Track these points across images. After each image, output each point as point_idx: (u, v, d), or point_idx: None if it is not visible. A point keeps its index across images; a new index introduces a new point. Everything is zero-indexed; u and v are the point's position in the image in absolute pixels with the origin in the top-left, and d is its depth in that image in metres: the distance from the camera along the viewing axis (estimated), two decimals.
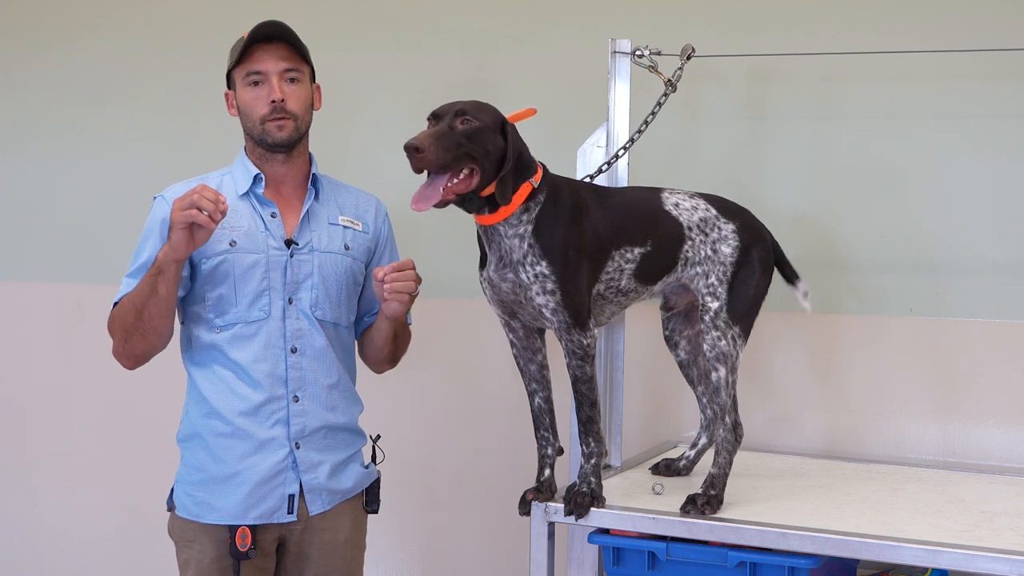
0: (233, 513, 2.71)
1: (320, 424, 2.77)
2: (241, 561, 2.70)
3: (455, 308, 3.57)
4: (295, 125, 2.74)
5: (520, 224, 2.56)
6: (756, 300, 2.73)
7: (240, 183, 2.78)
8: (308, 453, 2.76)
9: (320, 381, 2.78)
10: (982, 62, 3.06)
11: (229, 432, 2.73)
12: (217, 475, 2.73)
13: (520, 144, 2.56)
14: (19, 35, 4.14)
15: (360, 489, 2.88)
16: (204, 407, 2.75)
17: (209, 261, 2.72)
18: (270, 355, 2.73)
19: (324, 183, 2.86)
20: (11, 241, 4.20)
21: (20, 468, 4.20)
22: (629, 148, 2.95)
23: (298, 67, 2.75)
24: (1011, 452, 3.11)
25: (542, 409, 2.74)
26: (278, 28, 2.75)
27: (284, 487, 2.74)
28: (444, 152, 2.44)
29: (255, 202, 2.78)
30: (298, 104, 2.75)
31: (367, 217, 2.90)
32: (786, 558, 2.50)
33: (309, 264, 2.76)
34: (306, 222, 2.79)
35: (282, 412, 2.74)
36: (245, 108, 2.75)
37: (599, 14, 3.45)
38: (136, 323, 2.67)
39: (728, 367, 2.66)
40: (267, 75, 2.72)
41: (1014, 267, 3.11)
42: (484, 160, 2.49)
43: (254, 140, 2.77)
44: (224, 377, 2.74)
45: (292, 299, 2.74)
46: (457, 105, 2.52)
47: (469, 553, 3.68)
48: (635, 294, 2.73)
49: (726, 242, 2.72)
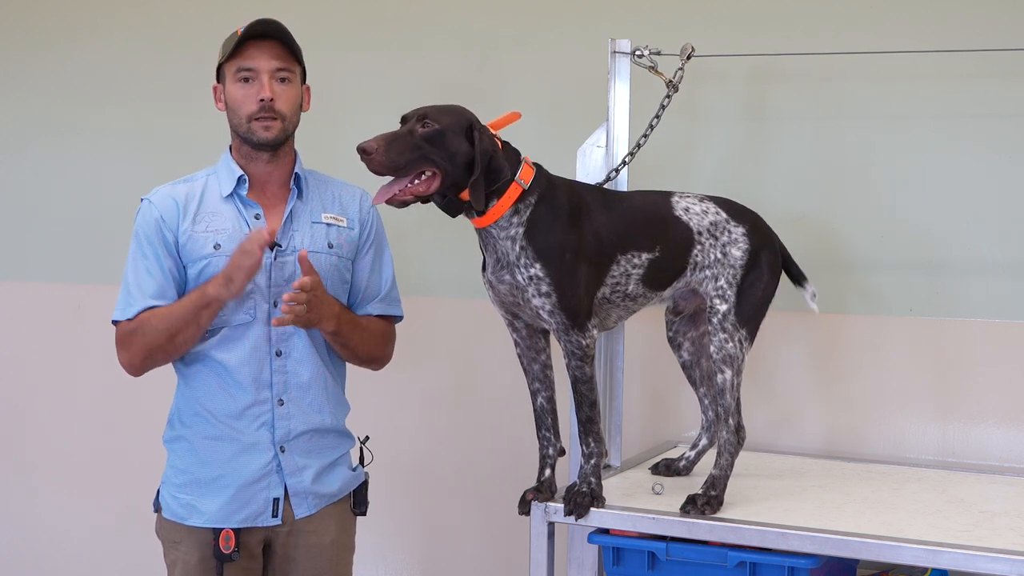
0: (217, 516, 2.71)
1: (305, 428, 2.77)
2: (225, 563, 2.70)
3: (454, 308, 3.57)
4: (282, 126, 2.72)
5: (511, 226, 2.56)
6: (763, 303, 2.73)
7: (224, 184, 2.76)
8: (293, 457, 2.75)
9: (305, 384, 2.76)
10: (982, 62, 3.06)
11: (215, 435, 2.73)
12: (202, 478, 2.73)
13: (490, 147, 2.53)
14: (19, 35, 4.13)
15: (347, 492, 2.87)
16: (190, 409, 2.75)
17: (195, 265, 2.71)
18: (255, 358, 2.72)
19: (309, 180, 2.83)
20: (11, 241, 4.20)
21: (20, 468, 4.20)
22: (636, 153, 2.95)
23: (290, 67, 2.73)
24: (1011, 452, 3.11)
25: (544, 409, 2.74)
26: (272, 26, 2.73)
27: (269, 491, 2.73)
28: (396, 155, 2.47)
29: (239, 204, 2.75)
30: (287, 105, 2.72)
31: (351, 211, 2.86)
32: (786, 558, 2.51)
33: (292, 266, 2.73)
34: (289, 223, 2.76)
35: (267, 416, 2.73)
36: (233, 104, 2.73)
37: (599, 14, 3.45)
38: (167, 345, 2.68)
39: (734, 369, 2.67)
40: (258, 72, 2.70)
41: (1014, 267, 3.11)
42: (446, 163, 2.50)
43: (240, 137, 2.75)
44: (210, 380, 2.73)
45: (277, 302, 2.72)
46: (422, 109, 2.53)
47: (469, 553, 3.68)
48: (644, 299, 2.73)
49: (736, 245, 2.72)
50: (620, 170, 2.95)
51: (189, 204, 2.74)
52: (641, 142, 2.94)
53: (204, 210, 2.74)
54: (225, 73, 2.75)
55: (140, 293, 2.71)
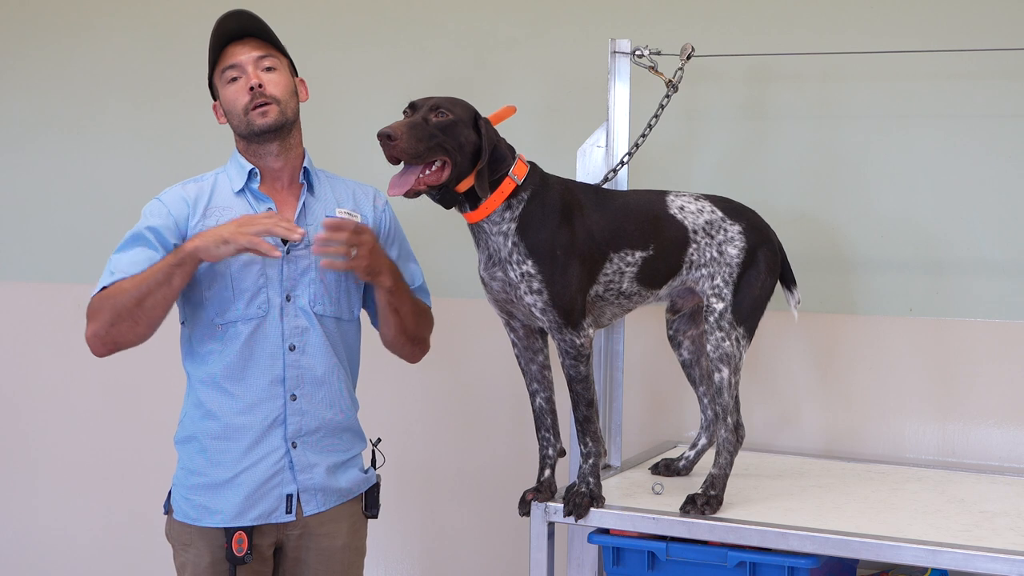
0: (231, 515, 2.70)
1: (318, 424, 2.75)
2: (237, 566, 2.69)
3: (456, 308, 3.57)
4: (279, 109, 2.70)
5: (503, 222, 2.57)
6: (761, 301, 2.73)
7: (235, 180, 2.76)
8: (305, 453, 2.74)
9: (319, 379, 2.75)
10: (982, 62, 3.06)
11: (225, 434, 2.71)
12: (215, 479, 2.71)
13: (494, 137, 2.57)
14: (19, 35, 4.14)
15: (358, 492, 2.85)
16: (201, 408, 2.74)
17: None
18: (267, 353, 2.71)
19: (319, 176, 2.83)
20: (11, 241, 4.20)
21: (20, 468, 4.20)
22: (634, 153, 2.95)
23: (273, 55, 2.74)
24: (1011, 452, 3.11)
25: (543, 409, 2.74)
26: (244, 24, 2.72)
27: (281, 487, 2.72)
28: (416, 142, 2.47)
29: (251, 198, 2.75)
30: (278, 88, 2.71)
31: (365, 208, 2.85)
32: (786, 558, 2.51)
33: (306, 259, 2.73)
34: (302, 217, 2.76)
35: (279, 411, 2.72)
36: (228, 106, 2.73)
37: (599, 14, 3.45)
38: (134, 309, 2.59)
39: (731, 368, 2.66)
40: (243, 66, 2.70)
41: (1014, 267, 3.11)
42: (456, 153, 2.51)
43: (244, 137, 2.74)
44: (222, 377, 2.71)
45: (290, 296, 2.72)
46: (432, 100, 2.54)
47: (469, 553, 3.68)
48: (638, 297, 2.73)
49: (732, 243, 2.72)
50: (619, 170, 2.95)
51: (199, 201, 2.73)
52: (640, 141, 2.94)
53: (215, 204, 2.73)
54: (216, 85, 2.76)
55: (123, 266, 2.64)
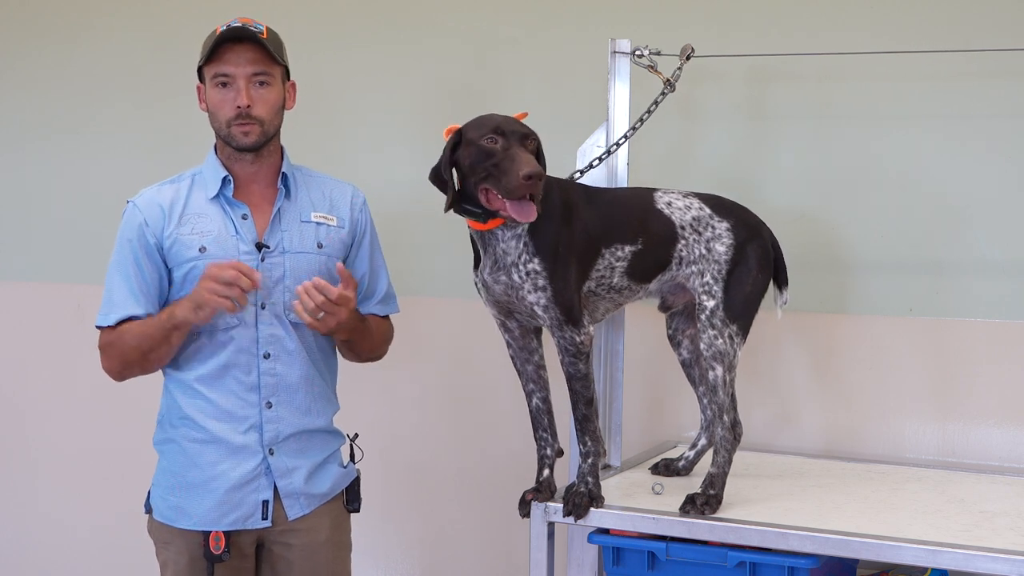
0: (206, 519, 2.70)
1: (294, 430, 2.76)
2: (215, 563, 2.69)
3: (453, 308, 3.57)
4: (261, 130, 2.69)
5: (517, 226, 2.57)
6: (754, 298, 2.72)
7: (210, 186, 2.74)
8: (282, 459, 2.74)
9: (294, 386, 2.75)
10: (982, 62, 3.06)
11: (202, 438, 2.72)
12: (191, 480, 2.72)
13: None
14: (19, 35, 4.13)
15: (339, 490, 2.86)
16: (178, 413, 2.75)
17: (180, 268, 2.70)
18: (242, 361, 2.71)
19: (297, 177, 2.81)
20: (11, 241, 4.20)
21: (20, 468, 4.20)
22: (622, 144, 2.95)
23: (267, 69, 2.70)
24: (1011, 452, 3.11)
25: (540, 410, 2.74)
26: (248, 32, 2.68)
27: (258, 493, 2.72)
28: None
29: (225, 205, 2.74)
30: (265, 109, 2.69)
31: (342, 209, 2.83)
32: (786, 558, 2.51)
33: (280, 267, 2.72)
34: (276, 222, 2.75)
35: (255, 418, 2.72)
36: (212, 108, 2.72)
37: (599, 14, 3.45)
38: (141, 361, 2.71)
39: (725, 366, 2.66)
40: (234, 78, 2.68)
41: (1014, 267, 3.11)
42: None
43: (222, 139, 2.74)
44: (197, 384, 2.72)
45: (264, 304, 2.71)
46: (524, 128, 2.55)
47: (469, 553, 3.68)
48: (629, 292, 2.73)
49: (720, 240, 2.72)
50: (604, 158, 2.93)
51: (174, 207, 2.73)
52: (629, 134, 2.94)
53: (189, 212, 2.73)
54: (205, 75, 2.74)
55: (120, 300, 2.71)
